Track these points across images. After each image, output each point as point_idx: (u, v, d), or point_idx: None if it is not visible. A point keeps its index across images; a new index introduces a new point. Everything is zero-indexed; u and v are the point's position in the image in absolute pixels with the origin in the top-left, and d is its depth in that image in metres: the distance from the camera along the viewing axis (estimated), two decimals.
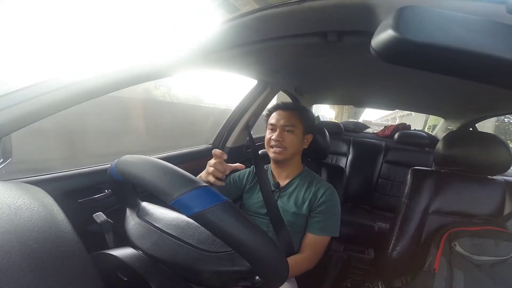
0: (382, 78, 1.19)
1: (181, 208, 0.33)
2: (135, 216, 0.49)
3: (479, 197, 0.88)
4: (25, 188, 0.39)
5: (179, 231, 0.44)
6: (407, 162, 1.95)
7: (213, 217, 0.32)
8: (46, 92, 0.52)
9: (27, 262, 0.25)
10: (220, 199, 0.33)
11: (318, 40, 0.64)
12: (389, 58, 0.30)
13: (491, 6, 0.34)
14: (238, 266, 0.38)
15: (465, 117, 1.83)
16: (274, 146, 0.87)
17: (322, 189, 0.87)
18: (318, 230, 0.84)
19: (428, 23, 0.26)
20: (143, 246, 0.45)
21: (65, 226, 0.32)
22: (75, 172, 0.74)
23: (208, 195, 0.33)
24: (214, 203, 0.33)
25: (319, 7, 0.50)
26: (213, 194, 0.34)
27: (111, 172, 0.44)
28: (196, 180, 0.35)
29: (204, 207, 0.32)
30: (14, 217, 0.30)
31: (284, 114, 0.89)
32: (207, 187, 0.34)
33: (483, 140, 0.86)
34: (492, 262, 0.71)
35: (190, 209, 0.32)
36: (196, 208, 0.32)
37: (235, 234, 0.32)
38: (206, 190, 0.34)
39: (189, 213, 0.33)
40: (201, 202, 0.32)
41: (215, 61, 0.85)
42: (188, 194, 0.33)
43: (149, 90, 2.47)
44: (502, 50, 0.26)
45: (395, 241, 0.91)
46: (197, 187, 0.34)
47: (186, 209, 0.33)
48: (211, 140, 1.40)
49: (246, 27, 0.62)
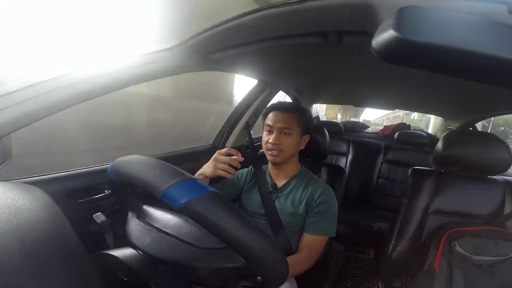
0: (382, 78, 1.19)
1: (168, 200, 0.33)
2: (136, 218, 0.49)
3: (479, 197, 0.88)
4: (25, 189, 0.39)
5: (176, 229, 0.44)
6: (407, 162, 1.95)
7: (200, 208, 0.32)
8: (46, 92, 0.52)
9: (27, 262, 0.25)
10: (207, 190, 0.33)
11: (318, 40, 0.63)
12: (390, 58, 0.30)
13: (492, 7, 0.34)
14: (233, 262, 0.38)
15: (465, 117, 1.83)
16: (271, 149, 0.87)
17: (319, 190, 0.87)
18: (315, 230, 0.84)
19: (429, 23, 0.26)
20: (141, 245, 0.45)
21: (65, 227, 0.32)
22: (75, 172, 0.74)
23: (195, 187, 0.33)
24: (200, 194, 0.32)
25: (320, 7, 0.50)
26: (200, 186, 0.34)
27: (109, 173, 0.44)
28: (183, 172, 0.35)
29: (190, 198, 0.32)
30: (14, 217, 0.30)
31: (281, 116, 0.87)
32: (194, 179, 0.34)
33: (483, 140, 0.86)
34: (492, 262, 0.71)
35: (177, 201, 0.32)
36: (183, 199, 0.32)
37: (223, 225, 0.32)
38: (193, 182, 0.34)
39: (176, 205, 0.33)
40: (188, 193, 0.32)
41: (215, 61, 0.85)
42: (175, 186, 0.33)
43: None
44: (502, 50, 0.26)
45: (395, 241, 0.91)
46: (184, 179, 0.34)
47: (174, 201, 0.33)
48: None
49: (246, 27, 0.62)
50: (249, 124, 1.40)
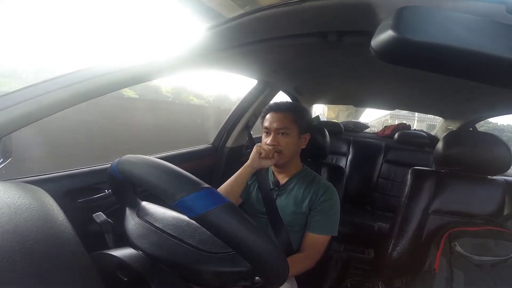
0: (382, 78, 1.19)
1: (183, 209, 0.33)
2: (135, 216, 0.49)
3: (479, 197, 0.88)
4: (24, 188, 0.39)
5: (179, 231, 0.44)
6: (407, 162, 1.94)
7: (216, 219, 0.32)
8: (46, 92, 0.52)
9: (27, 262, 0.25)
10: (222, 200, 0.33)
11: (318, 40, 0.64)
12: (389, 58, 0.30)
13: (491, 6, 0.34)
14: (239, 266, 0.38)
15: (465, 117, 1.82)
16: None
17: (322, 188, 0.87)
18: (318, 229, 0.84)
19: (428, 23, 0.26)
20: (143, 246, 0.45)
21: (65, 226, 0.32)
22: (75, 172, 0.74)
23: (210, 197, 0.33)
24: (216, 205, 0.33)
25: (319, 7, 0.50)
26: (215, 196, 0.34)
27: (112, 170, 0.44)
28: (199, 181, 0.35)
29: (206, 209, 0.32)
30: (13, 217, 0.30)
31: (277, 116, 0.87)
32: (209, 189, 0.34)
33: (483, 140, 0.86)
34: (493, 262, 0.70)
35: (193, 211, 0.33)
36: (199, 210, 0.32)
37: (238, 235, 0.32)
38: (208, 192, 0.34)
39: (191, 215, 0.33)
40: (204, 204, 0.32)
41: (215, 61, 0.86)
42: (191, 196, 0.33)
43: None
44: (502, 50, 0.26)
45: (395, 241, 0.90)
46: (200, 188, 0.33)
47: (189, 211, 0.33)
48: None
49: (246, 27, 0.62)
50: (249, 125, 1.40)
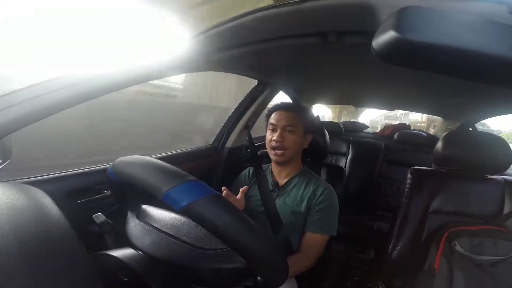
0: (382, 78, 1.19)
1: (170, 202, 0.33)
2: (135, 218, 0.49)
3: (479, 197, 0.88)
4: (24, 189, 0.39)
5: (176, 230, 0.44)
6: (407, 162, 1.94)
7: (202, 210, 0.32)
8: (46, 92, 0.52)
9: (27, 263, 0.25)
10: (209, 192, 0.33)
11: (318, 40, 0.63)
12: (390, 59, 0.30)
13: (492, 7, 0.34)
14: (234, 263, 0.38)
15: (465, 117, 1.83)
16: (276, 148, 0.87)
17: (321, 188, 0.88)
18: (316, 228, 0.84)
19: (429, 23, 0.26)
20: (141, 245, 0.45)
21: (65, 227, 0.32)
22: (74, 172, 0.74)
23: (197, 188, 0.33)
24: (201, 196, 0.32)
25: (319, 7, 0.50)
26: (202, 188, 0.33)
27: (109, 173, 0.44)
28: (185, 174, 0.35)
29: (192, 200, 0.32)
30: (13, 218, 0.30)
31: (284, 114, 0.89)
32: (195, 181, 0.34)
33: (482, 139, 0.86)
34: (492, 262, 0.71)
35: (179, 203, 0.32)
36: (185, 202, 0.32)
37: (224, 226, 0.32)
38: (194, 184, 0.33)
39: (178, 207, 0.32)
40: (190, 195, 0.32)
41: (215, 62, 0.85)
42: (177, 188, 0.33)
43: None
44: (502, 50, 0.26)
45: (395, 241, 0.91)
46: (186, 181, 0.33)
47: (175, 203, 0.33)
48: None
49: (246, 28, 0.62)
50: (249, 125, 1.40)
